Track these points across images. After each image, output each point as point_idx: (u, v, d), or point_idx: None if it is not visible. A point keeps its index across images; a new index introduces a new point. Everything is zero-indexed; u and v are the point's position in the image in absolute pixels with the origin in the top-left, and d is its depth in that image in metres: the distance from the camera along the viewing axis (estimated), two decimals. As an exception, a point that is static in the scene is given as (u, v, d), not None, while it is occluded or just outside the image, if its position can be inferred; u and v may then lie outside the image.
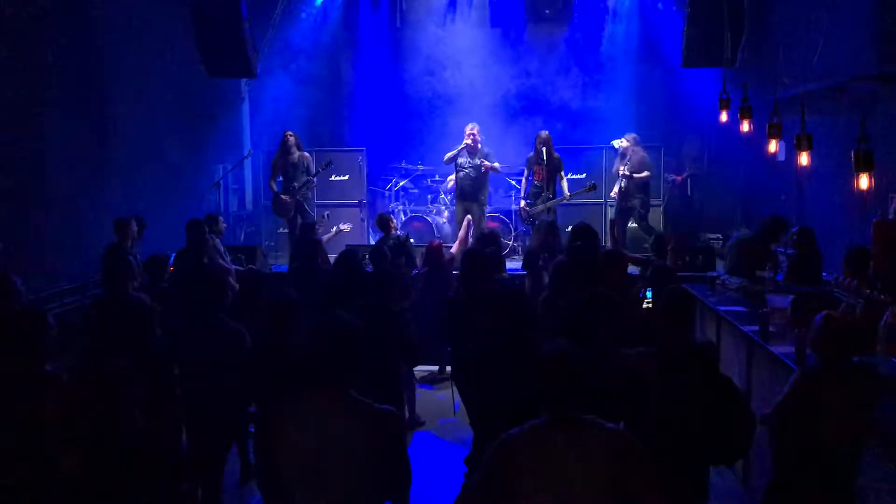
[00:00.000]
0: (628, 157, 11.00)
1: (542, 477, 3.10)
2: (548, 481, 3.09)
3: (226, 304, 5.34)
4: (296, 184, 10.84)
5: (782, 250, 8.35)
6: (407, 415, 7.07)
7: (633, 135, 11.18)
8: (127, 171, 9.69)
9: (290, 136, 10.98)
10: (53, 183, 8.30)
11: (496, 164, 10.94)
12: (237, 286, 6.73)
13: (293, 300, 5.04)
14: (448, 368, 8.21)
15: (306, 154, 11.11)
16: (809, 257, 7.87)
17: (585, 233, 6.92)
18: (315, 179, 11.09)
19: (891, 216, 7.46)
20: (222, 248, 8.77)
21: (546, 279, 6.79)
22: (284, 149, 10.93)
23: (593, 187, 10.89)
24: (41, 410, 3.81)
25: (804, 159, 7.06)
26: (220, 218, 9.20)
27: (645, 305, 6.28)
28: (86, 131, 8.92)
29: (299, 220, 10.77)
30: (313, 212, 11.16)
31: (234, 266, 8.74)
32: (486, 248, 7.09)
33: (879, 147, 5.97)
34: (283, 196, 10.88)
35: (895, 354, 5.31)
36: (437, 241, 8.93)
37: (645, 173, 11.00)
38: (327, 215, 11.04)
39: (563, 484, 3.08)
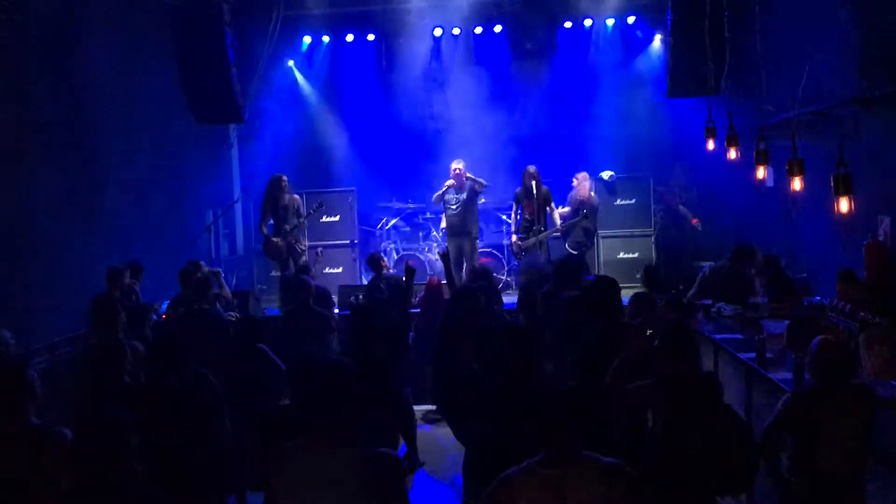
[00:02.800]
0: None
1: None
2: None
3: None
4: (287, 226, 10.84)
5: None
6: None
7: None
8: (115, 220, 9.66)
9: (282, 178, 11.00)
10: (40, 233, 8.26)
11: (480, 180, 10.94)
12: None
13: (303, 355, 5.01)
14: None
15: (297, 196, 11.12)
16: (778, 283, 7.93)
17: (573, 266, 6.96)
18: (306, 221, 11.08)
19: (881, 238, 7.49)
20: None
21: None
22: (275, 192, 10.93)
23: (585, 217, 10.92)
24: (31, 466, 3.75)
25: (797, 184, 7.10)
26: (220, 271, 9.16)
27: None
28: (72, 179, 8.89)
29: (291, 263, 10.75)
30: (305, 252, 11.14)
31: (227, 314, 8.67)
32: (477, 283, 7.08)
33: (866, 171, 6.02)
34: (274, 239, 10.87)
35: (886, 376, 5.31)
36: (435, 279, 8.91)
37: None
38: (320, 251, 11.01)
39: None
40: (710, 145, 9.17)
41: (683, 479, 4.09)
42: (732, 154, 8.64)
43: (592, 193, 11.27)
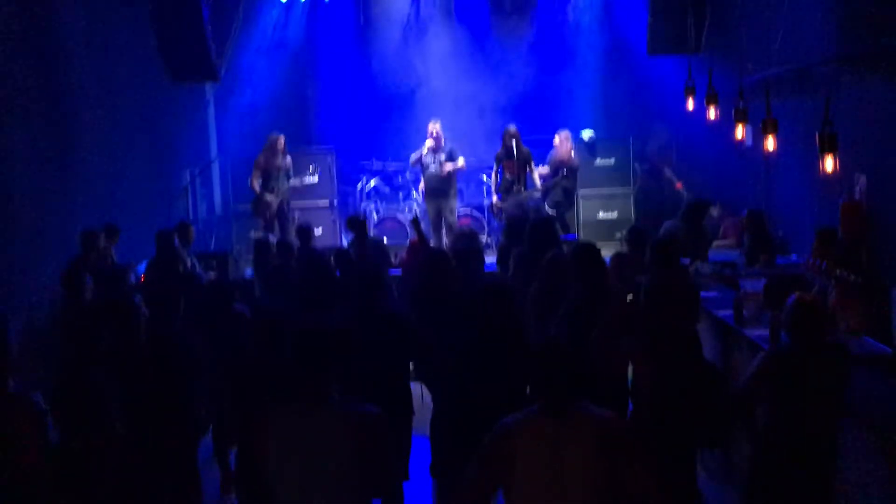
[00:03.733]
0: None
1: (536, 462, 3.14)
2: (541, 466, 3.14)
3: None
4: (279, 186, 10.80)
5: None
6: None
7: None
8: (92, 181, 9.53)
9: (280, 139, 10.98)
10: (16, 194, 8.15)
11: (459, 162, 10.92)
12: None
13: (269, 310, 5.00)
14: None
15: (290, 159, 11.15)
16: (759, 240, 8.00)
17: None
18: (301, 182, 11.09)
19: (857, 197, 7.55)
20: (189, 262, 8.57)
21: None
22: (272, 151, 10.92)
23: (566, 177, 10.91)
24: (7, 432, 3.73)
25: (770, 144, 7.11)
26: (191, 227, 9.10)
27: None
28: (48, 140, 8.77)
29: (276, 225, 10.75)
30: (295, 218, 11.10)
31: (206, 274, 8.63)
32: (463, 245, 7.10)
33: (844, 129, 6.03)
34: (267, 196, 10.82)
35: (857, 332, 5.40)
36: (416, 239, 8.89)
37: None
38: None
39: (557, 468, 3.12)
40: (690, 104, 9.16)
41: (664, 433, 4.18)
42: (712, 113, 8.64)
43: (573, 153, 11.25)
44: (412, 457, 5.29)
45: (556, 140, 11.22)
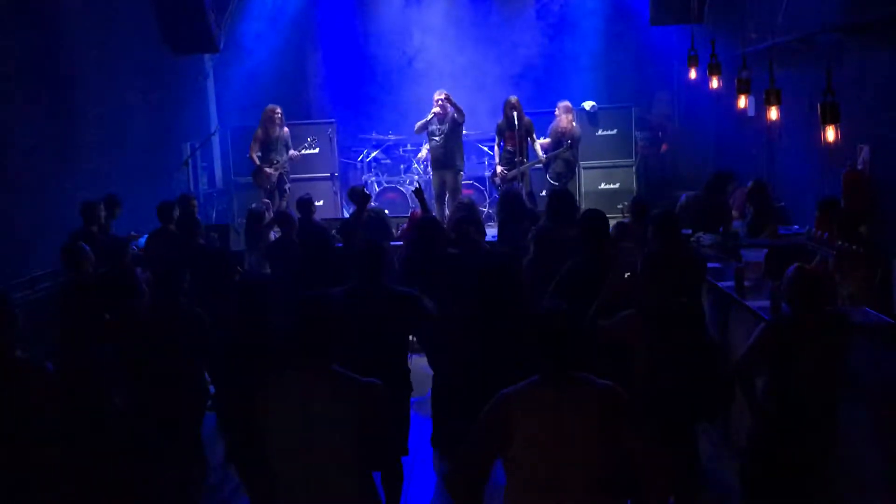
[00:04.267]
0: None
1: (536, 431, 3.14)
2: (541, 435, 3.14)
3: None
4: (278, 158, 10.81)
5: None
6: None
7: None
8: (93, 153, 9.52)
9: (276, 110, 10.99)
10: (18, 168, 8.15)
11: (459, 108, 10.76)
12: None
13: (265, 278, 5.00)
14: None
15: (287, 129, 11.13)
16: (764, 211, 7.98)
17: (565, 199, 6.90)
18: (299, 154, 11.10)
19: (859, 167, 7.52)
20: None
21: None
22: (269, 122, 10.94)
23: (569, 148, 10.86)
24: (17, 398, 3.76)
25: (773, 114, 7.07)
26: (194, 199, 9.09)
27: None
28: (49, 114, 8.75)
29: (277, 195, 10.84)
30: (288, 191, 11.10)
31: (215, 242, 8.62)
32: (464, 216, 7.08)
33: (846, 99, 6.00)
34: (266, 168, 10.85)
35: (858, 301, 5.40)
36: (418, 211, 8.87)
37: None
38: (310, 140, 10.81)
39: (557, 438, 3.13)
40: (693, 74, 9.10)
41: (661, 407, 4.18)
42: (714, 83, 8.58)
43: (574, 124, 11.19)
44: (411, 432, 5.32)
45: (557, 111, 11.15)
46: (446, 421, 5.57)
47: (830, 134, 5.87)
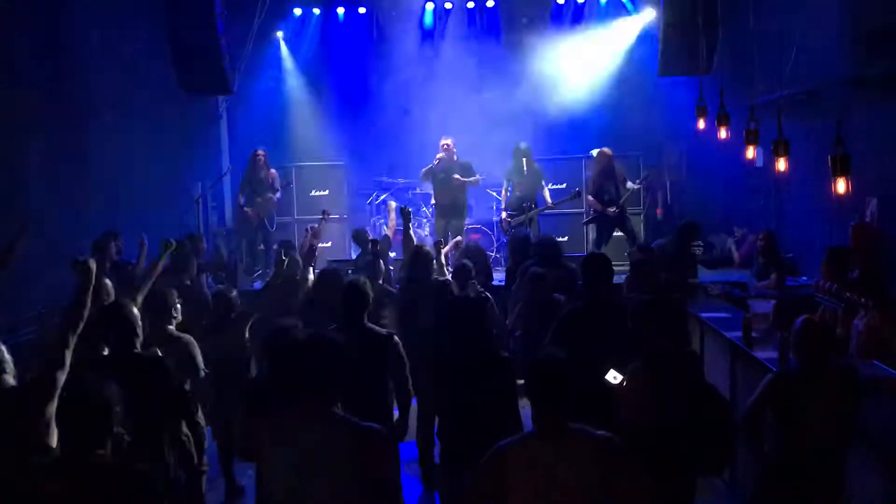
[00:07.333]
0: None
1: (533, 485, 3.10)
2: (538, 489, 3.09)
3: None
4: (259, 198, 11.02)
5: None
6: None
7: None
8: (106, 191, 9.61)
9: (261, 154, 11.24)
10: (32, 204, 8.22)
11: (474, 178, 10.86)
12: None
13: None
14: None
15: (273, 171, 11.39)
16: (772, 262, 7.99)
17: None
18: (280, 196, 11.32)
19: (868, 219, 7.53)
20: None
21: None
22: (253, 166, 11.23)
23: (578, 195, 10.88)
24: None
25: (781, 165, 7.10)
26: (202, 238, 9.14)
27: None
28: (64, 152, 8.85)
29: (260, 236, 11.21)
30: (294, 227, 11.15)
31: (211, 285, 8.65)
32: (471, 261, 7.17)
33: (854, 151, 6.01)
34: (245, 209, 11.13)
35: (870, 357, 5.34)
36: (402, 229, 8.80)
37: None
38: (327, 213, 10.24)
39: (554, 491, 3.08)
40: (701, 124, 9.16)
41: (662, 458, 4.09)
42: (723, 133, 8.64)
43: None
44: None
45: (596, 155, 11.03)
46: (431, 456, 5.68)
47: (841, 186, 5.83)
